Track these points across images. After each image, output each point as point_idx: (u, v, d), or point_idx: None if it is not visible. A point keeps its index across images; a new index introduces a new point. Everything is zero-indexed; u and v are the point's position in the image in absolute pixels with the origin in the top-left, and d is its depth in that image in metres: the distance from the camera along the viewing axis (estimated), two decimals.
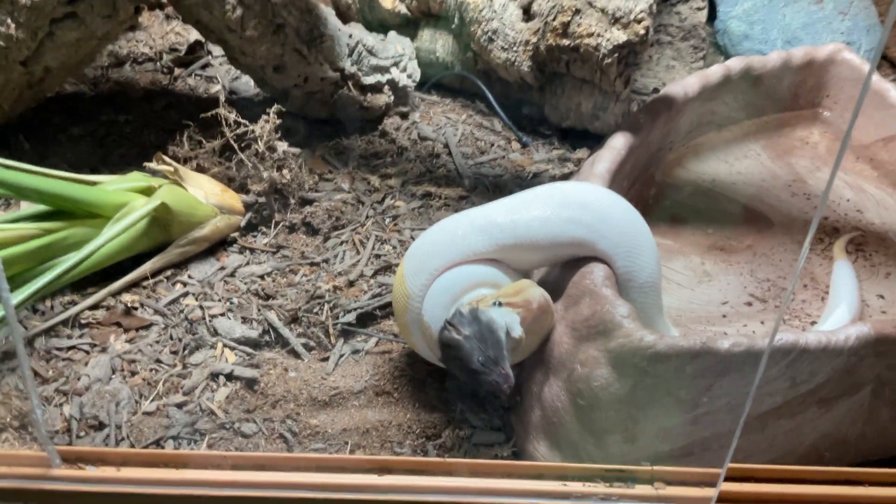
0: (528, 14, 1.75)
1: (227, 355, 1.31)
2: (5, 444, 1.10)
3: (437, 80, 1.94)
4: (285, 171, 1.54)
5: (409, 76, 1.84)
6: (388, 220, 1.57)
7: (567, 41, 1.66)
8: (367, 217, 1.57)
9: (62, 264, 1.30)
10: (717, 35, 2.13)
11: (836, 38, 2.02)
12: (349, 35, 1.74)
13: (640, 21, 1.60)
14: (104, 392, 1.21)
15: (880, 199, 1.58)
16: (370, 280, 1.43)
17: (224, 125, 1.52)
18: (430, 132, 1.80)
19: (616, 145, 1.40)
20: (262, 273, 1.45)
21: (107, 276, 1.40)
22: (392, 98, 1.81)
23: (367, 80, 1.76)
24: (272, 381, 1.26)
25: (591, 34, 1.63)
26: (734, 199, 1.58)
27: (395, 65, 1.80)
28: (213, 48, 1.99)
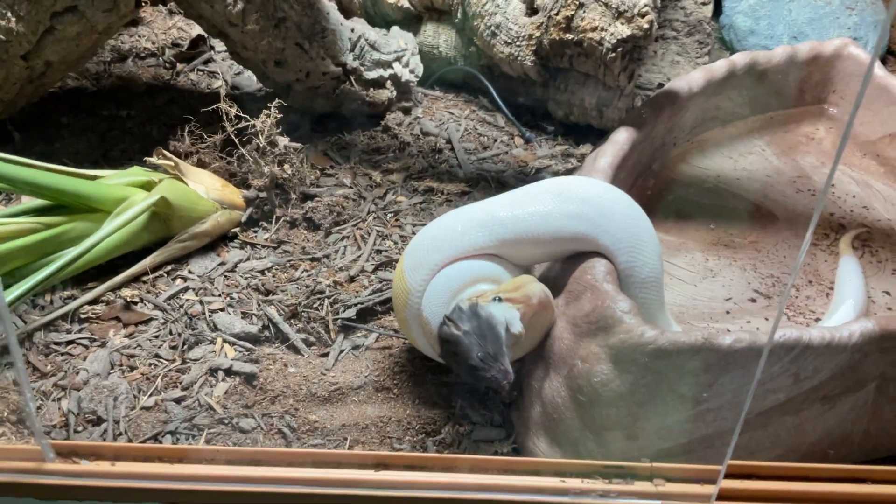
0: (531, 8, 1.74)
1: (226, 350, 1.30)
2: (2, 439, 1.10)
3: (440, 76, 1.93)
4: (286, 165, 1.53)
5: (412, 71, 1.83)
6: (389, 215, 1.56)
7: (570, 36, 1.65)
8: (369, 212, 1.56)
9: (62, 259, 1.30)
10: (722, 30, 2.12)
11: (842, 33, 2.01)
12: (351, 29, 1.73)
13: (643, 15, 1.58)
14: (102, 387, 1.21)
15: (887, 195, 1.57)
16: (371, 275, 1.43)
17: (225, 120, 1.52)
18: (432, 127, 1.79)
19: (619, 140, 1.39)
20: (262, 268, 1.44)
21: (107, 270, 1.40)
22: (394, 93, 1.80)
23: (370, 74, 1.75)
24: (271, 377, 1.26)
25: (594, 28, 1.62)
26: (738, 195, 1.57)
27: (398, 60, 1.79)
28: (216, 43, 1.99)
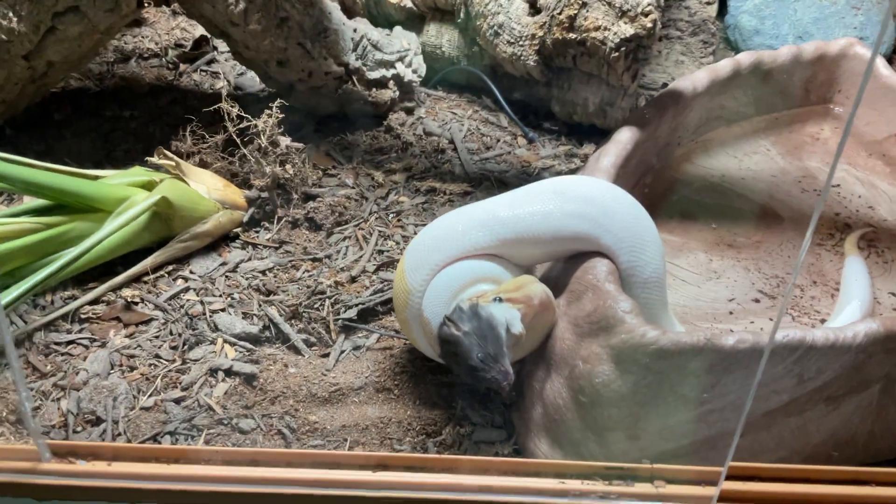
0: (534, 8, 1.73)
1: (226, 351, 1.29)
2: (1, 439, 1.09)
3: (443, 76, 1.92)
4: (288, 166, 1.53)
5: (415, 71, 1.82)
6: (391, 215, 1.55)
7: (573, 35, 1.64)
8: (371, 213, 1.55)
9: (62, 258, 1.30)
10: (727, 30, 2.11)
11: (848, 33, 2.00)
12: (354, 29, 1.73)
13: (647, 14, 1.58)
14: (102, 387, 1.20)
15: (893, 195, 1.55)
16: (372, 276, 1.42)
17: (227, 120, 1.51)
18: (435, 127, 1.79)
19: (622, 140, 1.38)
20: (263, 268, 1.43)
21: (108, 270, 1.40)
22: (397, 93, 1.79)
23: (372, 74, 1.74)
24: (272, 377, 1.25)
25: (597, 28, 1.61)
26: (743, 195, 1.55)
27: (401, 60, 1.79)
28: (219, 44, 1.99)
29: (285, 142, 1.54)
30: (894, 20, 2.02)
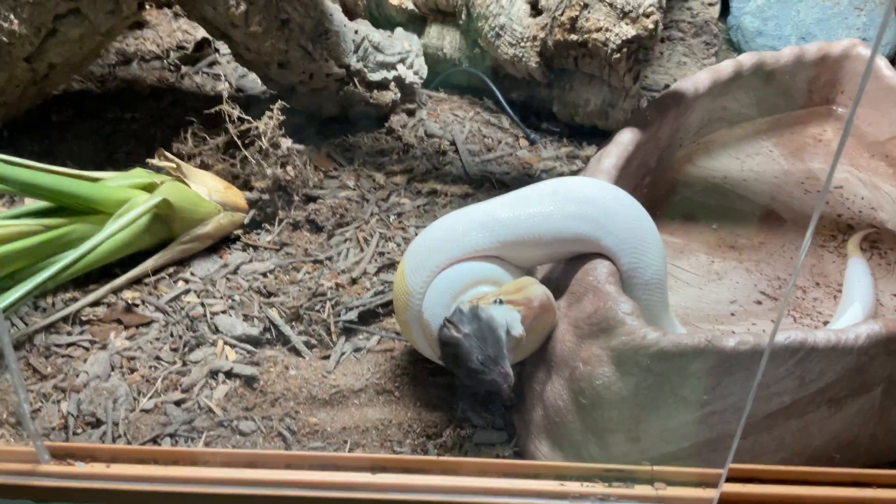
0: (535, 9, 1.73)
1: (227, 353, 1.29)
2: (1, 441, 1.09)
3: (445, 77, 1.92)
4: (289, 167, 1.53)
5: (416, 73, 1.82)
6: (392, 217, 1.55)
7: (575, 36, 1.64)
8: (372, 214, 1.55)
9: (63, 261, 1.30)
10: (730, 31, 2.11)
11: (851, 33, 1.99)
12: (355, 31, 1.73)
13: (648, 15, 1.57)
14: (102, 389, 1.20)
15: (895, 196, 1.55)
16: (373, 278, 1.42)
17: (228, 122, 1.51)
18: (436, 129, 1.79)
19: (623, 141, 1.38)
20: (264, 270, 1.43)
21: (109, 272, 1.39)
22: (398, 95, 1.79)
23: (374, 76, 1.74)
24: (272, 379, 1.25)
25: (599, 29, 1.60)
26: (745, 196, 1.55)
27: (402, 61, 1.79)
28: (221, 46, 1.99)
29: (286, 143, 1.54)
30: None
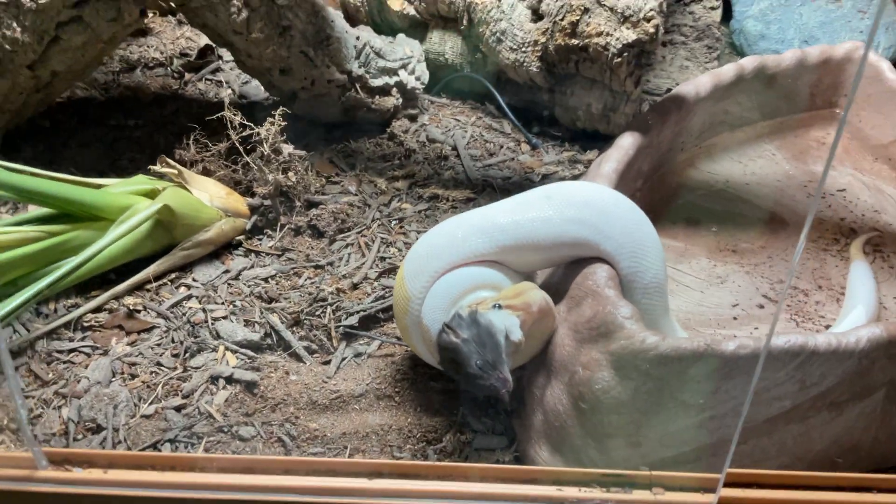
0: (536, 14, 1.73)
1: (228, 358, 1.29)
2: (1, 447, 1.10)
3: (446, 83, 1.92)
4: (291, 173, 1.53)
5: (418, 78, 1.82)
6: (394, 222, 1.55)
7: (576, 41, 1.64)
8: (374, 219, 1.55)
9: (65, 267, 1.30)
10: (733, 35, 2.10)
11: (854, 36, 1.98)
12: (356, 37, 1.73)
13: (649, 19, 1.57)
14: (103, 395, 1.21)
15: None
16: (374, 282, 1.42)
17: (230, 128, 1.52)
18: (438, 134, 1.79)
19: (624, 145, 1.38)
20: (266, 276, 1.43)
21: (111, 279, 1.40)
22: (400, 100, 1.79)
23: (375, 82, 1.75)
24: (272, 385, 1.25)
25: (599, 33, 1.60)
26: (748, 200, 1.54)
27: (404, 67, 1.79)
28: (224, 53, 1.99)
29: (288, 149, 1.55)
30: None
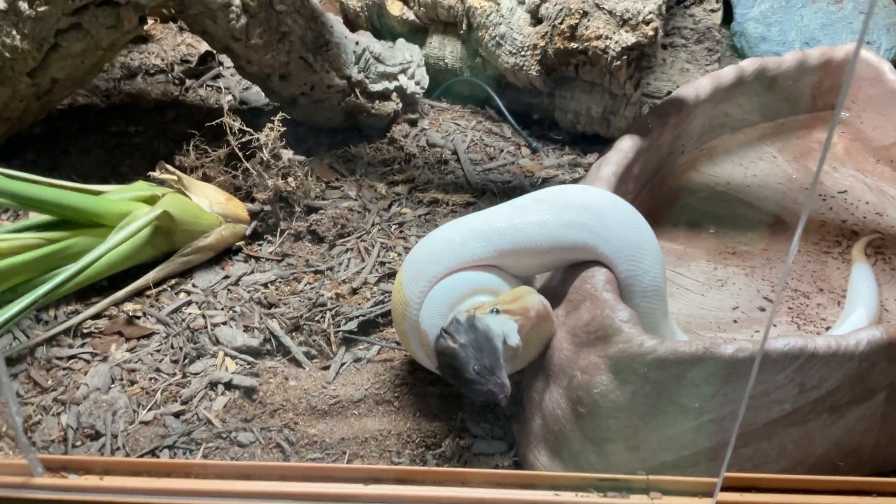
0: (535, 18, 1.73)
1: (227, 364, 1.29)
2: (0, 454, 1.10)
3: (446, 87, 1.92)
4: (290, 179, 1.53)
5: (418, 83, 1.82)
6: (394, 227, 1.55)
7: (575, 44, 1.64)
8: (373, 224, 1.55)
9: (64, 273, 1.30)
10: (734, 37, 2.10)
11: (855, 38, 1.98)
12: (356, 42, 1.73)
13: (648, 22, 1.57)
14: (102, 401, 1.21)
15: None
16: (374, 287, 1.42)
17: (229, 134, 1.52)
18: (438, 139, 1.79)
19: (623, 148, 1.37)
20: (265, 281, 1.43)
21: (110, 285, 1.40)
22: (400, 105, 1.79)
23: (375, 87, 1.75)
24: (271, 390, 1.25)
25: (599, 37, 1.60)
26: (749, 202, 1.54)
27: (403, 72, 1.79)
28: (224, 59, 2.00)
29: (288, 155, 1.55)
30: None
